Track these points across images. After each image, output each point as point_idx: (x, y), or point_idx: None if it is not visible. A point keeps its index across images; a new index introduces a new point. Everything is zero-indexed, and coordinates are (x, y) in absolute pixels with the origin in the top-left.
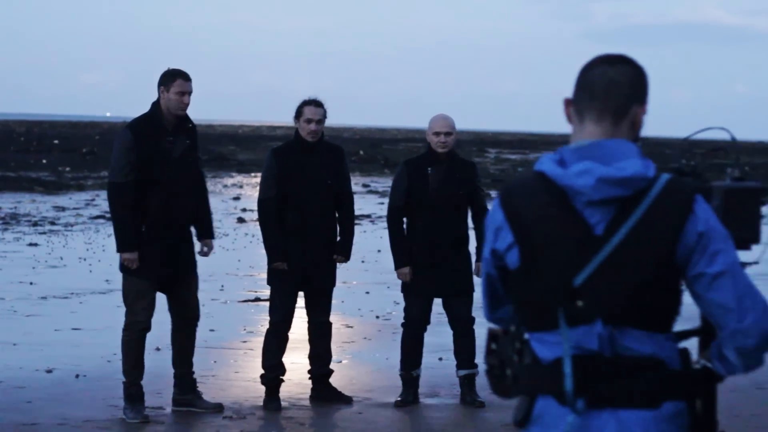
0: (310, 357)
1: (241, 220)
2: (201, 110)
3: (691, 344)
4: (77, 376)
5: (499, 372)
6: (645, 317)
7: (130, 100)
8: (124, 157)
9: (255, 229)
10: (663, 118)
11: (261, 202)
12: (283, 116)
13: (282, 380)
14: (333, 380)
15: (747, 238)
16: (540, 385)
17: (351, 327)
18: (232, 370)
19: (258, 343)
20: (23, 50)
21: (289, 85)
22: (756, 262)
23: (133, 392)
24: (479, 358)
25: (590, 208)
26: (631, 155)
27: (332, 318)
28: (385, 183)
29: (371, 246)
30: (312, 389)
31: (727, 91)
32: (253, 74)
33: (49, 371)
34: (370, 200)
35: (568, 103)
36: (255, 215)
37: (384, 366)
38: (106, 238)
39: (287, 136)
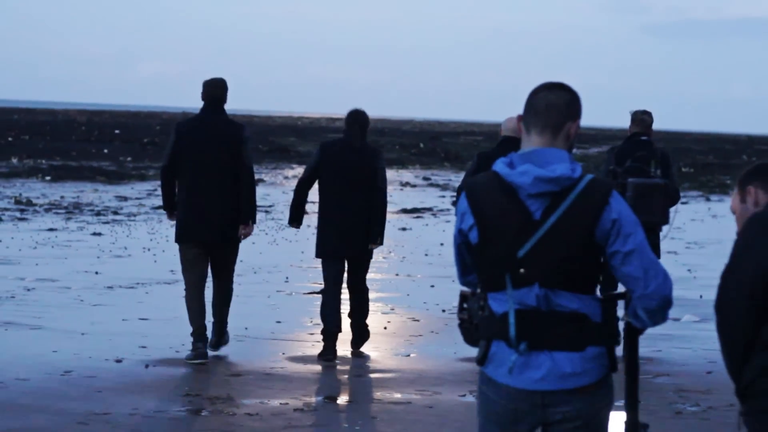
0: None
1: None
2: (260, 102)
3: None
4: (147, 366)
5: (468, 325)
6: (572, 281)
7: (188, 91)
8: None
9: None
10: (722, 114)
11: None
12: (341, 108)
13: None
14: (402, 374)
15: (655, 221)
16: (493, 332)
17: (417, 321)
18: (301, 362)
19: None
20: (82, 40)
21: (347, 78)
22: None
23: None
24: None
25: (530, 198)
26: (562, 160)
27: (398, 311)
28: (444, 176)
29: (434, 239)
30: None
31: None
32: (311, 66)
33: (118, 361)
34: (431, 193)
35: (519, 118)
36: (317, 207)
37: (453, 360)
38: (168, 228)
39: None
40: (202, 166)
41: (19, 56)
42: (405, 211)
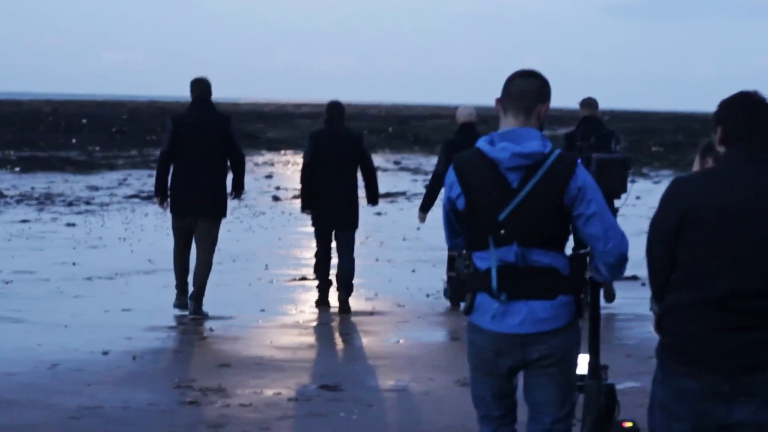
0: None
1: (276, 198)
2: (225, 88)
3: None
4: (134, 357)
5: (456, 282)
6: (544, 240)
7: (154, 79)
8: None
9: (290, 207)
10: (688, 93)
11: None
12: (307, 94)
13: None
14: (393, 360)
15: (615, 191)
16: (478, 285)
17: (402, 306)
18: (290, 351)
19: (311, 323)
20: (43, 29)
21: (311, 63)
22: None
23: None
24: None
25: (509, 171)
26: (534, 138)
27: (382, 297)
28: (415, 160)
29: (410, 224)
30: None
31: (750, 64)
32: (275, 52)
33: (105, 353)
34: (403, 177)
35: (497, 101)
36: (289, 193)
37: (443, 346)
38: (143, 217)
39: (313, 113)
40: (195, 153)
41: None
42: (378, 195)
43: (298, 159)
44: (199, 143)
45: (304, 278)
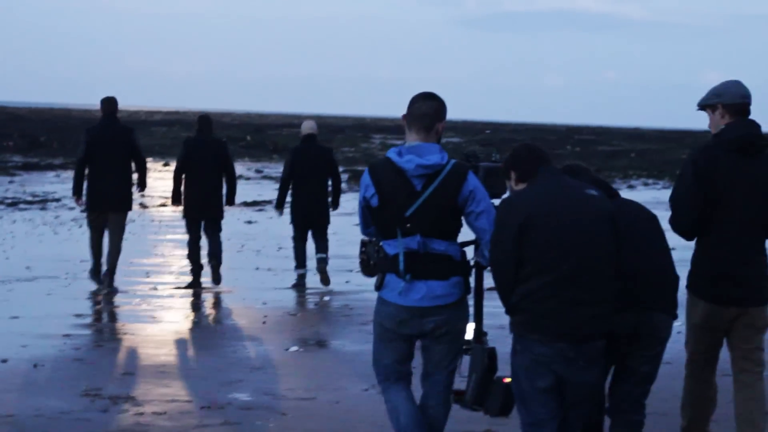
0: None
1: (143, 206)
2: (77, 95)
3: None
4: (35, 365)
5: (367, 263)
6: (441, 233)
7: None
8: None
9: (159, 215)
10: (537, 105)
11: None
12: (160, 101)
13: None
14: (297, 369)
15: (497, 193)
16: (387, 267)
17: (294, 315)
18: (191, 358)
19: (204, 329)
20: None
21: (163, 70)
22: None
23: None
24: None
25: (414, 177)
26: (434, 152)
27: (271, 305)
28: (276, 168)
29: (283, 233)
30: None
31: (598, 77)
32: (126, 58)
33: (3, 361)
34: (267, 186)
35: (404, 117)
36: (156, 201)
37: (342, 354)
38: (11, 224)
39: (167, 121)
40: (106, 158)
41: None
42: (246, 204)
43: (158, 166)
44: (110, 150)
45: (190, 286)
